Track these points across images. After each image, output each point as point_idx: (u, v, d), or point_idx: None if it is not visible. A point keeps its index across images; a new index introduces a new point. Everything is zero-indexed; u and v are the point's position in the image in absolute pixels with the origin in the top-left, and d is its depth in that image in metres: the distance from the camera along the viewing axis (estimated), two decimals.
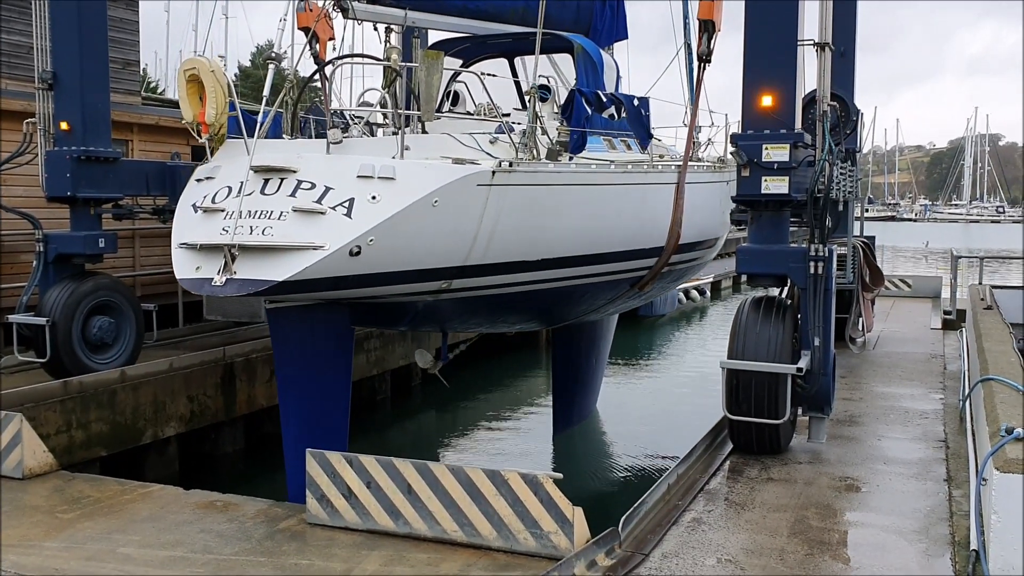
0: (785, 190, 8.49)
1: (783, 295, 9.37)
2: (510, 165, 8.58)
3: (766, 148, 8.50)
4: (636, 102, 10.90)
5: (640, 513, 6.87)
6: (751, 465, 8.40)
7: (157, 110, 17.20)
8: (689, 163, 11.04)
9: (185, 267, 7.73)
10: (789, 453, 8.75)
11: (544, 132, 9.39)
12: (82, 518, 7.38)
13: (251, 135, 8.22)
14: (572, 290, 10.34)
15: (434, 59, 8.53)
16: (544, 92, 12.02)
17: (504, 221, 8.62)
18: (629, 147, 11.29)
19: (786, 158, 8.44)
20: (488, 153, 8.93)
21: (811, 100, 9.53)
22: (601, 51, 11.88)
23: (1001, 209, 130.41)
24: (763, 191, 8.56)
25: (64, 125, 11.44)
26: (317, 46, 9.92)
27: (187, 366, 11.81)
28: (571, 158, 9.53)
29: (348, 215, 7.64)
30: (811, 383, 8.57)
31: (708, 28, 9.51)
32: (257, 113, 8.93)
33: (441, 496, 6.78)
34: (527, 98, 9.03)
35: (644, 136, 10.81)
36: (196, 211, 8.07)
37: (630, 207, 10.47)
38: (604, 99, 10.36)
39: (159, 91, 46.88)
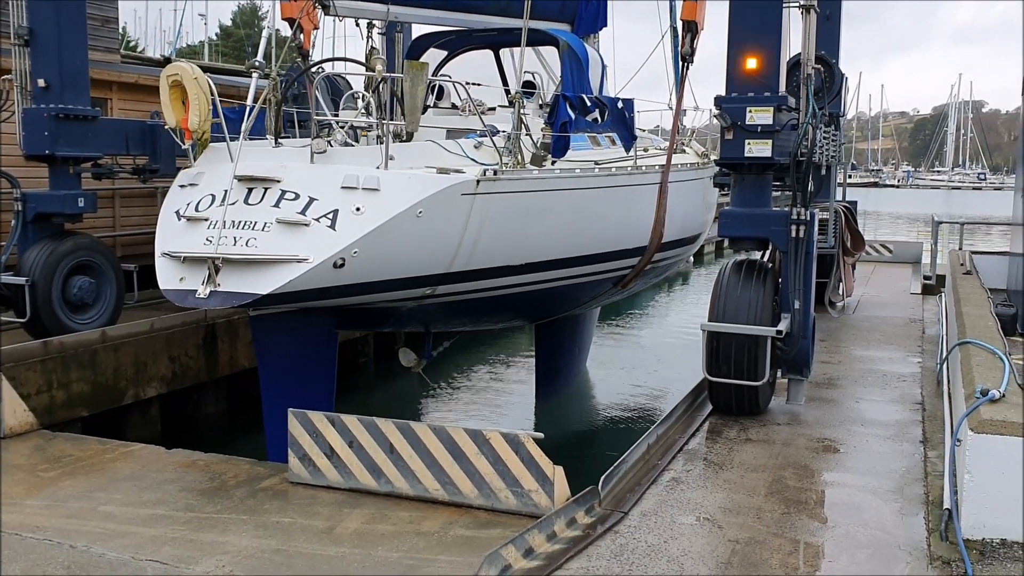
0: (768, 153, 8.50)
1: (764, 258, 9.43)
2: (495, 173, 8.58)
3: (750, 111, 8.49)
4: (620, 104, 10.96)
5: (620, 472, 6.94)
6: (730, 426, 8.49)
7: (137, 68, 16.94)
8: (672, 162, 11.04)
9: (169, 277, 7.70)
10: (768, 414, 8.85)
11: (528, 133, 9.37)
12: (63, 476, 7.39)
13: (234, 131, 8.15)
14: (556, 291, 10.43)
15: (419, 70, 8.50)
16: (529, 89, 12.00)
17: (488, 228, 8.64)
18: (614, 142, 11.30)
19: (770, 121, 8.44)
20: (473, 159, 8.92)
21: (796, 63, 9.51)
22: (586, 46, 11.80)
23: (983, 176, 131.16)
24: (746, 154, 8.56)
25: (42, 82, 11.27)
26: (301, 36, 9.87)
27: (168, 327, 11.76)
28: (555, 162, 9.55)
29: (332, 227, 7.62)
30: (791, 346, 8.65)
31: (691, 28, 9.45)
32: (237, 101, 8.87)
33: (423, 455, 6.83)
34: (512, 104, 8.96)
35: (628, 138, 10.86)
36: (179, 219, 8.01)
37: (614, 209, 10.55)
38: (588, 103, 10.38)
39: (139, 49, 46.19)
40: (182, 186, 8.41)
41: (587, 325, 14.64)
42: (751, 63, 8.57)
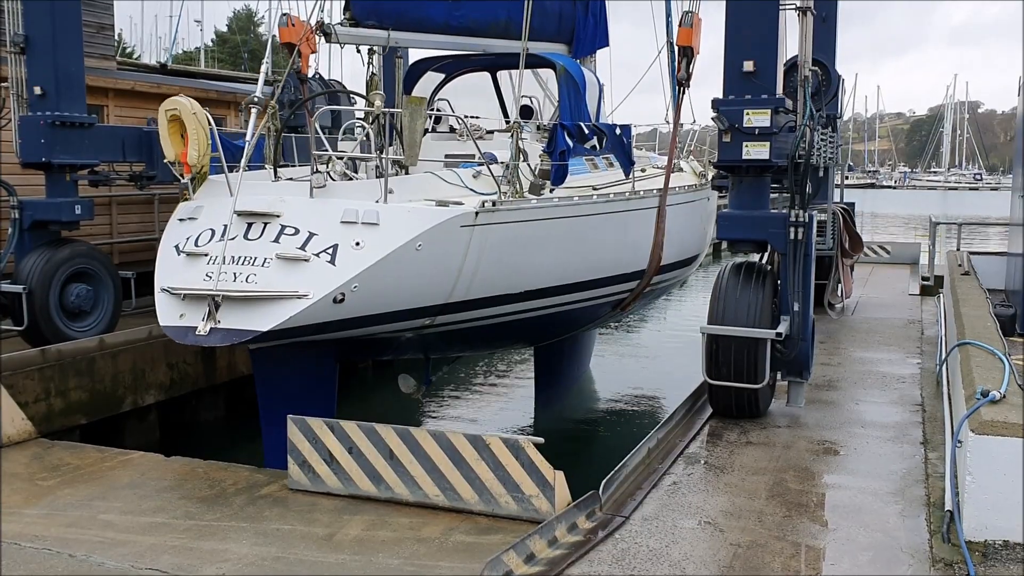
0: (766, 155, 8.50)
1: (763, 261, 9.42)
2: (493, 204, 8.58)
3: (747, 113, 8.49)
4: (618, 131, 11.01)
5: (620, 477, 6.93)
6: (730, 429, 8.48)
7: (132, 75, 16.94)
8: (670, 184, 11.04)
9: (168, 314, 7.70)
10: (768, 417, 8.83)
11: (526, 160, 9.38)
12: (62, 485, 7.37)
13: (232, 160, 8.17)
14: (555, 316, 10.46)
15: (418, 104, 8.51)
16: (526, 113, 12.05)
17: (487, 258, 8.66)
18: (611, 164, 11.35)
19: (767, 123, 8.44)
20: (472, 189, 8.96)
21: (792, 66, 9.52)
22: (583, 69, 11.81)
23: (979, 176, 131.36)
24: (744, 156, 8.56)
25: (38, 89, 11.26)
26: (299, 62, 9.92)
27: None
28: (553, 189, 9.57)
29: (332, 262, 7.63)
30: (790, 348, 8.64)
31: (687, 53, 9.44)
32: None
33: (423, 461, 6.81)
34: (509, 134, 9.00)
35: (626, 163, 10.89)
36: (179, 254, 8.01)
37: (612, 235, 10.59)
38: (586, 131, 10.43)
39: (135, 56, 46.25)
40: (181, 220, 8.40)
41: (586, 341, 14.64)
42: (748, 66, 8.56)
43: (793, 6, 8.91)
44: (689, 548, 5.90)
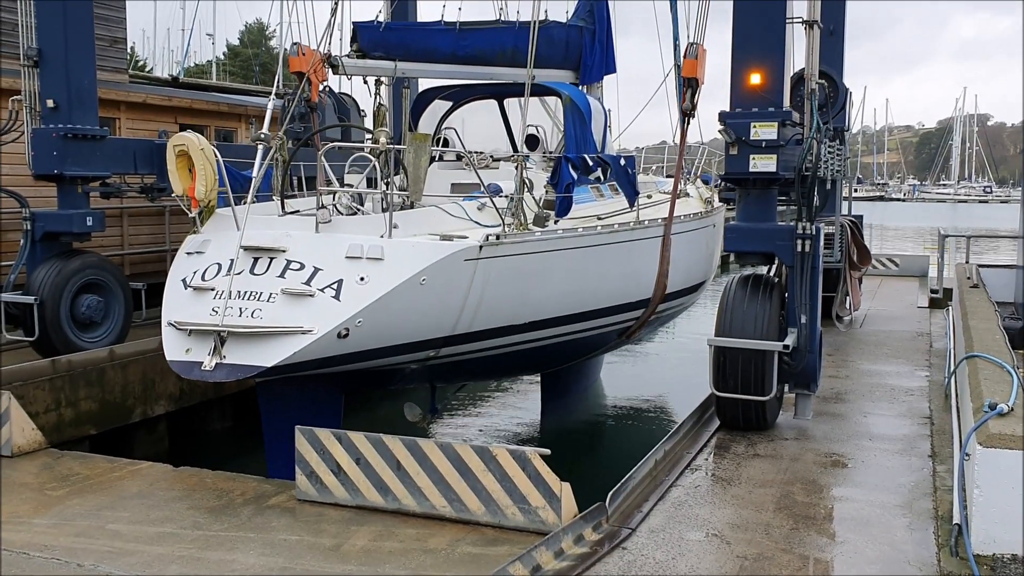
0: (773, 168, 8.51)
1: (770, 273, 9.42)
2: (497, 238, 8.63)
3: (754, 126, 8.52)
4: (622, 161, 11.05)
5: (627, 488, 6.93)
6: (738, 441, 8.47)
7: (144, 88, 17.08)
8: (675, 212, 11.07)
9: (175, 348, 7.78)
10: (775, 430, 8.82)
11: (531, 190, 9.43)
12: (71, 495, 7.40)
13: (240, 190, 8.20)
14: (559, 346, 10.50)
15: (422, 141, 8.60)
16: (532, 142, 12.15)
17: (491, 290, 8.71)
18: (616, 190, 11.38)
19: (774, 136, 8.46)
20: (476, 222, 9.03)
21: (799, 78, 9.54)
22: (589, 98, 11.86)
23: (989, 189, 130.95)
24: (751, 169, 8.58)
25: (50, 102, 11.36)
26: (309, 90, 10.05)
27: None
28: (557, 221, 9.61)
29: (336, 297, 7.72)
30: (797, 360, 8.64)
31: (692, 84, 9.47)
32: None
33: (430, 472, 6.83)
34: (514, 172, 9.07)
35: (631, 194, 10.94)
36: (186, 288, 8.12)
37: (617, 265, 10.63)
38: (591, 163, 10.49)
39: (147, 69, 46.56)
40: (189, 253, 8.50)
41: (593, 366, 14.63)
42: (755, 78, 8.59)
43: (800, 19, 8.94)
44: (696, 560, 5.89)
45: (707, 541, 6.20)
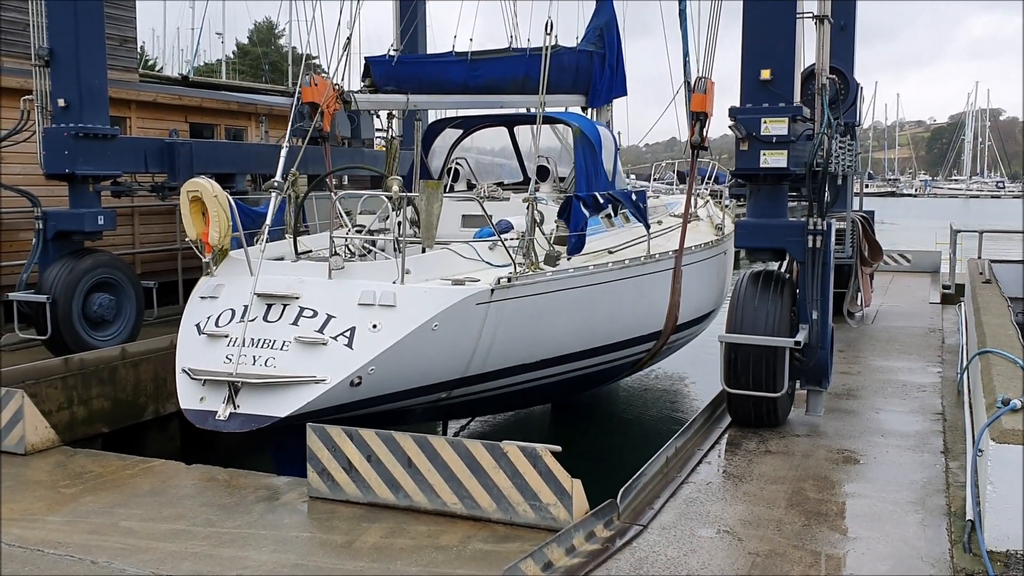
0: (784, 164, 8.48)
1: (782, 269, 9.40)
2: (508, 281, 8.64)
3: (765, 122, 8.48)
4: (634, 196, 11.07)
5: (639, 485, 6.92)
6: (749, 438, 8.45)
7: (155, 87, 17.14)
8: (685, 241, 11.01)
9: (189, 397, 7.86)
10: (787, 426, 8.80)
11: (542, 222, 9.45)
12: (84, 492, 7.43)
13: (252, 226, 8.34)
14: (571, 380, 10.54)
15: (434, 188, 8.64)
16: (542, 173, 12.19)
17: (503, 331, 8.73)
18: (628, 218, 11.39)
19: (785, 131, 8.42)
20: (488, 262, 9.07)
21: (810, 74, 9.50)
22: (599, 128, 11.86)
23: (1001, 184, 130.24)
24: (761, 165, 8.54)
25: (61, 102, 11.41)
26: (321, 120, 10.13)
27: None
28: (569, 258, 9.63)
29: (349, 345, 7.78)
30: (809, 357, 8.61)
31: (700, 118, 9.44)
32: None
33: (441, 469, 6.83)
34: (525, 206, 9.09)
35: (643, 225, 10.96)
36: (200, 334, 8.18)
37: (628, 299, 10.63)
38: (601, 200, 10.52)
39: (157, 68, 46.71)
40: (203, 297, 8.56)
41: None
42: (765, 74, 8.56)
43: (811, 14, 8.90)
44: (707, 557, 5.88)
45: (719, 538, 6.19)
